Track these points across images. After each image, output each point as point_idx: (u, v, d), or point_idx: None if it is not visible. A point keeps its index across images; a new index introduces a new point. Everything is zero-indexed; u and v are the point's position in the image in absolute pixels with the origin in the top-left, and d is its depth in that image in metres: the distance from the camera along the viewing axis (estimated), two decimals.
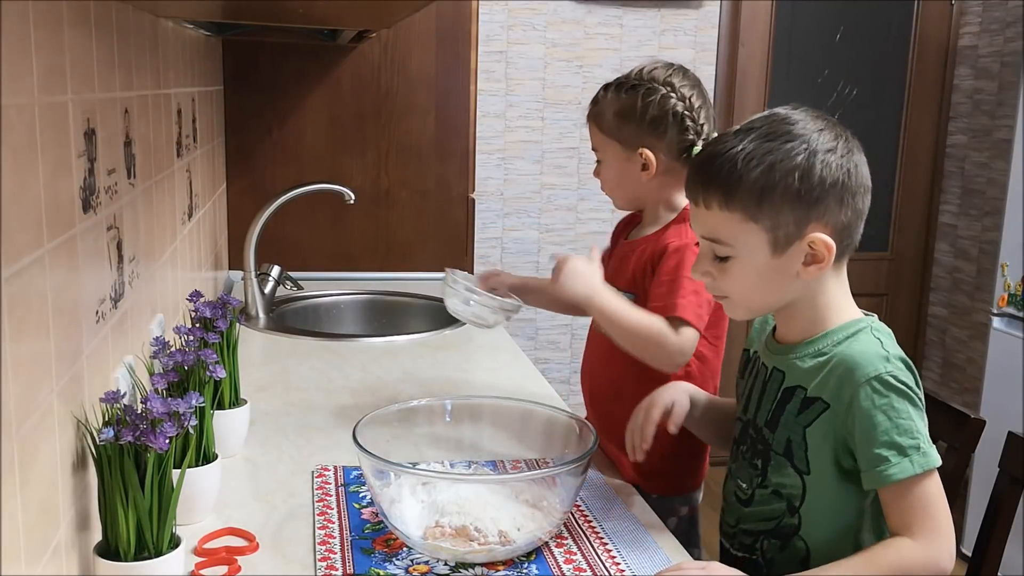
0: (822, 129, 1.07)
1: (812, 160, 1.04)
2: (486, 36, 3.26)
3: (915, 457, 1.01)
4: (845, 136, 1.08)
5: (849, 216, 1.07)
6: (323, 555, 1.09)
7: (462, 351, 2.05)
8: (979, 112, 3.49)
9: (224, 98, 2.52)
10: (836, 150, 1.05)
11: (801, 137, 1.05)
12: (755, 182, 1.04)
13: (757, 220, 1.05)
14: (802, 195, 1.04)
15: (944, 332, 3.68)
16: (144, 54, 1.37)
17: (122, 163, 1.18)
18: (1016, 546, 2.53)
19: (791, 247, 1.06)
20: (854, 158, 1.07)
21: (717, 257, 1.10)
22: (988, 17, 3.43)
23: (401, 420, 1.30)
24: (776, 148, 1.04)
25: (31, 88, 0.80)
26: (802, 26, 3.50)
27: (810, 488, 1.09)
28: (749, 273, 1.08)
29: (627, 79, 1.50)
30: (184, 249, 1.76)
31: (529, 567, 1.09)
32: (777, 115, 1.09)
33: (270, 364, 1.88)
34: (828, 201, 1.05)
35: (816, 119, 1.08)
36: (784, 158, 1.04)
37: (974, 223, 3.51)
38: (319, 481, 1.30)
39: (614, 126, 1.49)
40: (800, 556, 1.10)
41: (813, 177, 1.04)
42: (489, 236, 3.38)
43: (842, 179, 1.05)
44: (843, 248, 1.08)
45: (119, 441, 0.91)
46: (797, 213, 1.04)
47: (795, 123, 1.07)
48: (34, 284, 0.80)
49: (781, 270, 1.07)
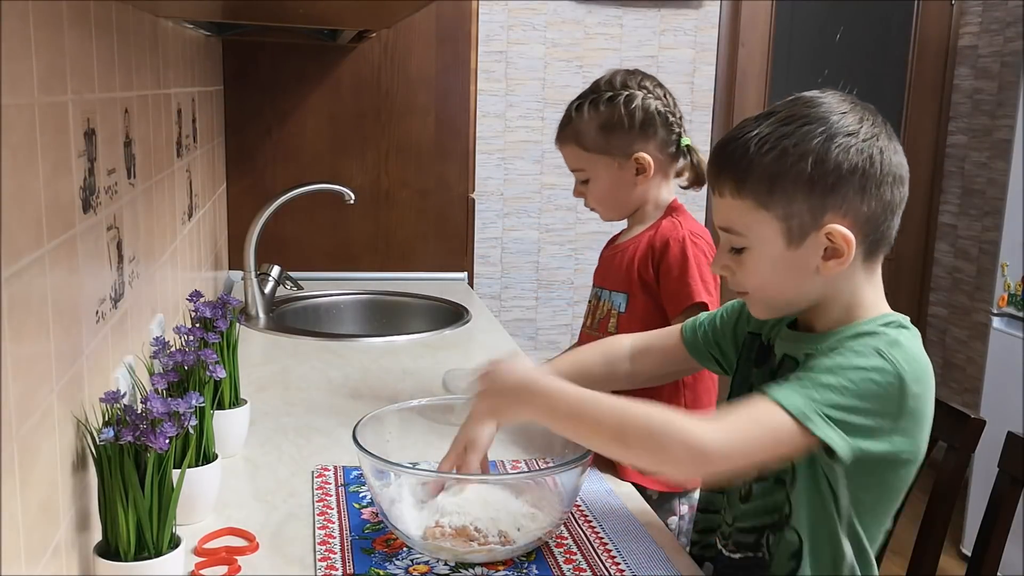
0: (846, 112, 0.99)
1: (828, 144, 0.96)
2: (486, 36, 3.26)
3: (803, 402, 0.93)
4: (873, 120, 1.00)
5: (873, 207, 0.98)
6: (323, 555, 1.09)
7: (462, 351, 2.05)
8: (979, 112, 3.49)
9: (224, 98, 2.52)
10: (858, 134, 0.97)
11: (821, 120, 0.98)
12: (766, 167, 0.97)
13: (769, 208, 0.98)
14: (816, 181, 0.96)
15: (944, 332, 3.68)
16: (144, 54, 1.37)
17: (122, 163, 1.18)
18: (1016, 546, 2.53)
19: (807, 239, 0.98)
20: (879, 143, 0.98)
21: (734, 249, 1.04)
22: (988, 17, 3.43)
23: (401, 420, 1.30)
24: (792, 132, 0.97)
25: (31, 88, 0.80)
26: (802, 26, 3.50)
27: (799, 471, 1.03)
28: (764, 266, 1.02)
29: (599, 93, 1.52)
30: (184, 249, 1.76)
31: (529, 567, 1.09)
32: (802, 98, 1.02)
33: (270, 364, 1.88)
34: (846, 189, 0.97)
35: (843, 102, 1.00)
36: (799, 142, 0.97)
37: (974, 223, 3.51)
38: (319, 481, 1.30)
39: (601, 140, 1.52)
40: (793, 549, 1.04)
41: (828, 162, 0.96)
42: (489, 236, 3.38)
43: (862, 165, 0.97)
44: (871, 243, 1.00)
45: (119, 441, 0.91)
46: (811, 201, 0.97)
47: (818, 105, 0.99)
48: (34, 284, 0.80)
49: (798, 264, 1.00)
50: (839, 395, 0.94)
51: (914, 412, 0.98)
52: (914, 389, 0.97)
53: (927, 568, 1.35)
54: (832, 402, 0.94)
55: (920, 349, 1.01)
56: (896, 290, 3.73)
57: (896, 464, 1.01)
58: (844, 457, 0.95)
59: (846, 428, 0.94)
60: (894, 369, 0.96)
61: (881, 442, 0.97)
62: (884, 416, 0.96)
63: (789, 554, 1.04)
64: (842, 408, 0.94)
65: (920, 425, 1.00)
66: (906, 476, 1.03)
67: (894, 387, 0.95)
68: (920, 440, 1.01)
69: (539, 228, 3.42)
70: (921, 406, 0.99)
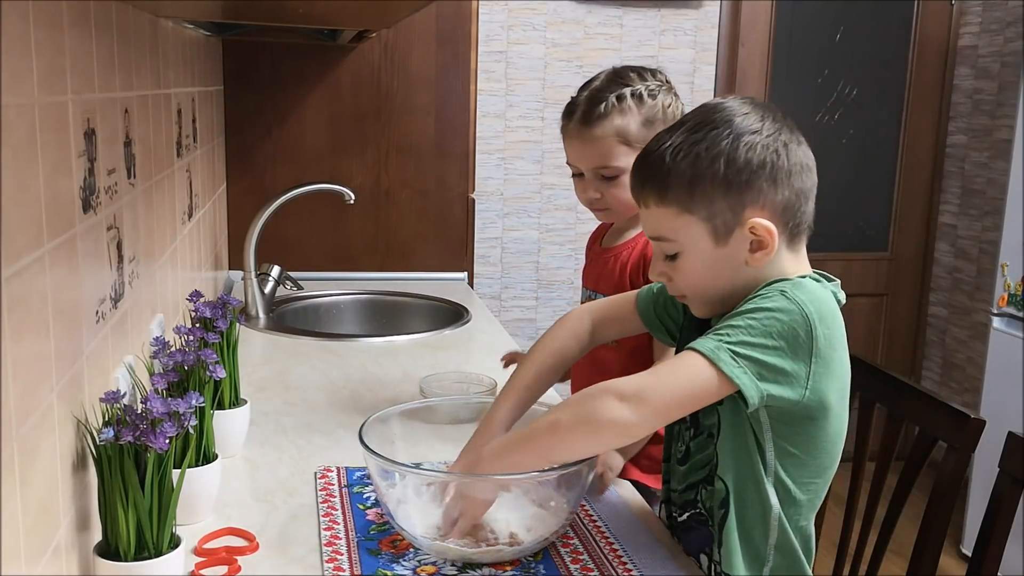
0: (747, 113, 1.05)
1: (736, 144, 1.03)
2: (486, 36, 3.26)
3: (715, 344, 0.98)
4: (772, 116, 1.06)
5: (787, 195, 1.04)
6: (330, 556, 1.09)
7: (462, 351, 2.05)
8: (979, 112, 3.49)
9: (224, 98, 2.52)
10: (761, 131, 1.04)
11: (726, 123, 1.04)
12: (683, 173, 1.04)
13: (692, 211, 1.04)
14: (731, 180, 1.03)
15: (944, 332, 3.68)
16: (144, 54, 1.37)
17: (122, 163, 1.18)
18: (1016, 546, 2.53)
19: (732, 235, 1.04)
20: (782, 137, 1.05)
21: (667, 256, 1.09)
22: (988, 17, 3.43)
23: (406, 420, 1.30)
24: (702, 138, 1.04)
25: (31, 88, 0.80)
26: (802, 26, 3.50)
27: (724, 422, 1.07)
28: (697, 266, 1.07)
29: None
30: (184, 249, 1.76)
31: (537, 567, 1.09)
32: (706, 106, 1.09)
33: (270, 364, 1.88)
34: (759, 183, 1.03)
35: (744, 104, 1.07)
36: (710, 146, 1.03)
37: (974, 223, 3.51)
38: (322, 482, 1.30)
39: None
40: (721, 497, 1.08)
41: (739, 160, 1.02)
42: (489, 236, 3.38)
43: (770, 159, 1.03)
44: (791, 229, 1.06)
45: (119, 441, 0.91)
46: (730, 199, 1.03)
47: (722, 110, 1.06)
48: (34, 284, 0.80)
49: (728, 259, 1.06)
50: (746, 334, 0.99)
51: (824, 355, 1.00)
52: (820, 329, 1.00)
53: (927, 568, 1.35)
54: (739, 340, 0.98)
55: (828, 296, 1.05)
56: (896, 290, 3.74)
57: (815, 417, 1.03)
58: (751, 399, 0.98)
59: (756, 369, 0.98)
60: (798, 308, 0.99)
61: (793, 389, 0.99)
62: (792, 355, 0.99)
63: (718, 503, 1.09)
64: (749, 345, 0.98)
65: (831, 372, 1.02)
66: (828, 431, 1.05)
67: (800, 324, 0.99)
68: (831, 390, 1.02)
69: (539, 228, 3.42)
70: (829, 351, 1.01)
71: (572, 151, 1.51)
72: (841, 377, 1.04)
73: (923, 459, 1.40)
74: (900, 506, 1.43)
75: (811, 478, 1.07)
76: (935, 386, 3.71)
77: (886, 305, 3.74)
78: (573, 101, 1.50)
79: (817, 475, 1.08)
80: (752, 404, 0.98)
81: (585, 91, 1.49)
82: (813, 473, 1.07)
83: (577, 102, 1.49)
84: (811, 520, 1.10)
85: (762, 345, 0.98)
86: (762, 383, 0.98)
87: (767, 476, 1.06)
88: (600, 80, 1.49)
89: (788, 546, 1.07)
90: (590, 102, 1.46)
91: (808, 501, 1.08)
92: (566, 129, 1.51)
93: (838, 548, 1.58)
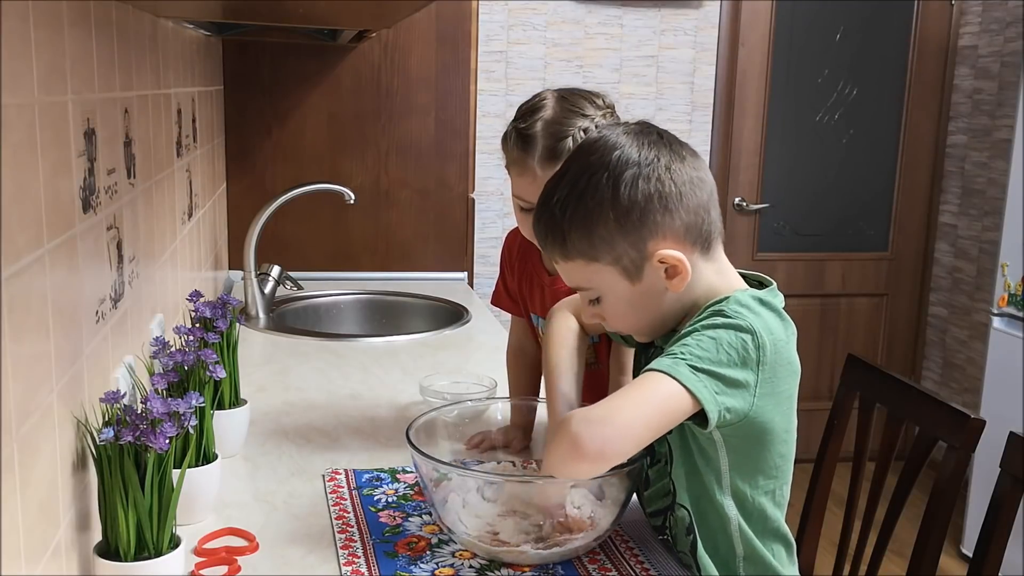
0: (623, 146, 1.03)
1: (617, 185, 1.01)
2: (486, 36, 3.26)
3: (671, 361, 0.98)
4: (649, 141, 1.04)
5: (685, 218, 1.03)
6: (347, 559, 1.08)
7: (462, 351, 2.05)
8: (979, 112, 3.49)
9: (224, 98, 2.52)
10: (639, 163, 1.02)
11: (603, 165, 1.02)
12: (577, 227, 1.03)
13: (598, 259, 1.04)
14: (623, 222, 1.01)
15: (944, 332, 3.68)
16: (144, 54, 1.37)
17: (122, 163, 1.18)
18: (1016, 546, 2.53)
19: (643, 270, 1.04)
20: (661, 162, 1.02)
21: (592, 301, 1.09)
22: (988, 17, 3.43)
23: (456, 420, 1.33)
24: (584, 185, 1.03)
25: (31, 88, 0.80)
26: (802, 26, 3.50)
27: (673, 449, 1.09)
28: (622, 307, 1.07)
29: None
30: (184, 249, 1.76)
31: (555, 568, 1.09)
32: (583, 148, 1.08)
33: (270, 364, 1.88)
34: (652, 217, 1.01)
35: (620, 134, 1.05)
36: (593, 193, 1.02)
37: (974, 223, 3.51)
38: (331, 485, 1.30)
39: None
40: (686, 524, 1.09)
41: (624, 201, 1.01)
42: (489, 236, 3.38)
43: (655, 190, 1.01)
44: (701, 244, 1.05)
45: (119, 441, 0.91)
46: (629, 239, 1.02)
47: (597, 151, 1.04)
48: (34, 284, 0.80)
49: (649, 293, 1.05)
50: (700, 349, 0.99)
51: (773, 367, 1.00)
52: (765, 338, 1.00)
53: (927, 568, 1.35)
54: (695, 354, 0.98)
55: (766, 310, 1.04)
56: (896, 290, 3.74)
57: (762, 435, 1.04)
58: (711, 413, 0.97)
59: (713, 382, 0.98)
60: (747, 324, 1.00)
61: (744, 398, 0.99)
62: (743, 366, 0.99)
63: (684, 530, 1.10)
64: (704, 359, 0.98)
65: (777, 386, 1.02)
66: (775, 433, 1.05)
67: (748, 337, 0.99)
68: (777, 406, 1.03)
69: None
70: (776, 364, 1.01)
71: (528, 186, 1.30)
72: (787, 396, 1.04)
73: (923, 459, 1.40)
74: (900, 506, 1.43)
75: (767, 479, 1.08)
76: (935, 386, 3.71)
77: (886, 305, 3.74)
78: (525, 133, 1.30)
79: (773, 475, 1.08)
80: (712, 419, 0.97)
81: (533, 119, 1.31)
82: (768, 475, 1.08)
83: (532, 134, 1.29)
84: (782, 520, 1.11)
85: (715, 360, 0.98)
86: (720, 396, 0.98)
87: (721, 488, 1.07)
88: (550, 109, 1.31)
89: (756, 556, 1.09)
90: (552, 136, 1.28)
91: (773, 503, 1.09)
92: (521, 162, 1.31)
93: (838, 548, 1.58)
